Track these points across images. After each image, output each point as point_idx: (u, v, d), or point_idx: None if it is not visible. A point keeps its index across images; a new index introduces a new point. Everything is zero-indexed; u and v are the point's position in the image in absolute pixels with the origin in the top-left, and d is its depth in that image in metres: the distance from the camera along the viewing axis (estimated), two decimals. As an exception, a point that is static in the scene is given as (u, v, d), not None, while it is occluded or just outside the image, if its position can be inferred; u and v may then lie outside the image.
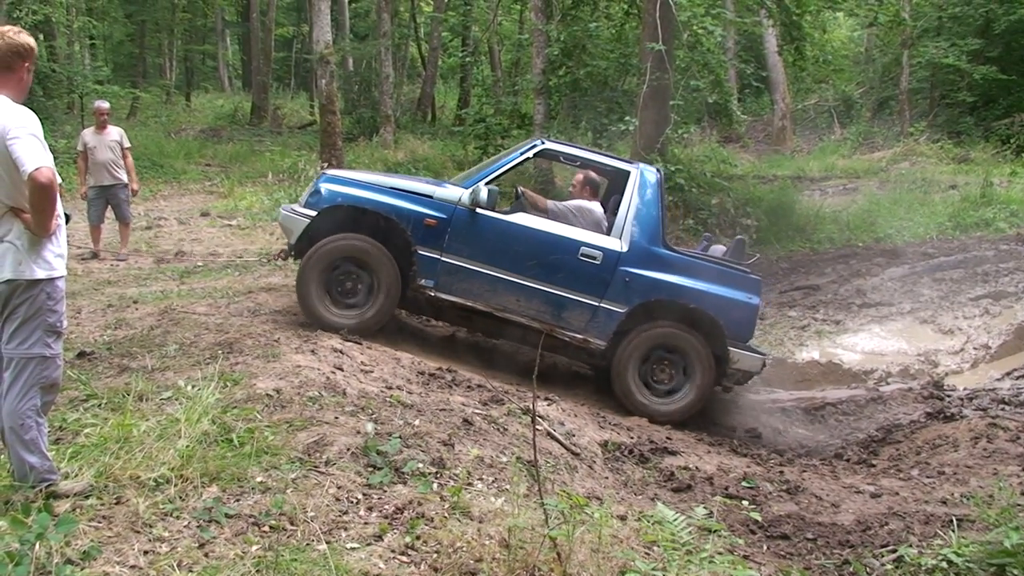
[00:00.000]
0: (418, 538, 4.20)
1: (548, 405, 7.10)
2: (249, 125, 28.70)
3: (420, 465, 5.04)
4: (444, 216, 8.07)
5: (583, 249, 8.11)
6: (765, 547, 5.40)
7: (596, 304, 8.14)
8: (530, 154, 8.59)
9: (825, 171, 24.20)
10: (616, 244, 8.15)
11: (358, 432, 5.39)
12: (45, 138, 4.22)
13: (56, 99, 22.80)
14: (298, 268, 8.22)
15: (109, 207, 12.27)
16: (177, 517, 4.18)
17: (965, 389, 9.54)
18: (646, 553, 4.52)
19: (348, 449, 5.13)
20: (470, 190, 8.08)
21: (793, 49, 18.23)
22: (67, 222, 4.68)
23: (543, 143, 8.67)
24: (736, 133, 23.60)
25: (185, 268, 11.47)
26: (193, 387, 5.75)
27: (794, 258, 16.20)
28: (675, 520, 4.26)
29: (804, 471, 7.06)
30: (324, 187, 8.28)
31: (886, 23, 19.27)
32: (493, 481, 5.10)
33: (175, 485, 4.44)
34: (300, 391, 6.00)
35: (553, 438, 6.24)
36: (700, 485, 6.31)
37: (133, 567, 3.73)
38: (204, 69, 43.15)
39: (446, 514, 4.47)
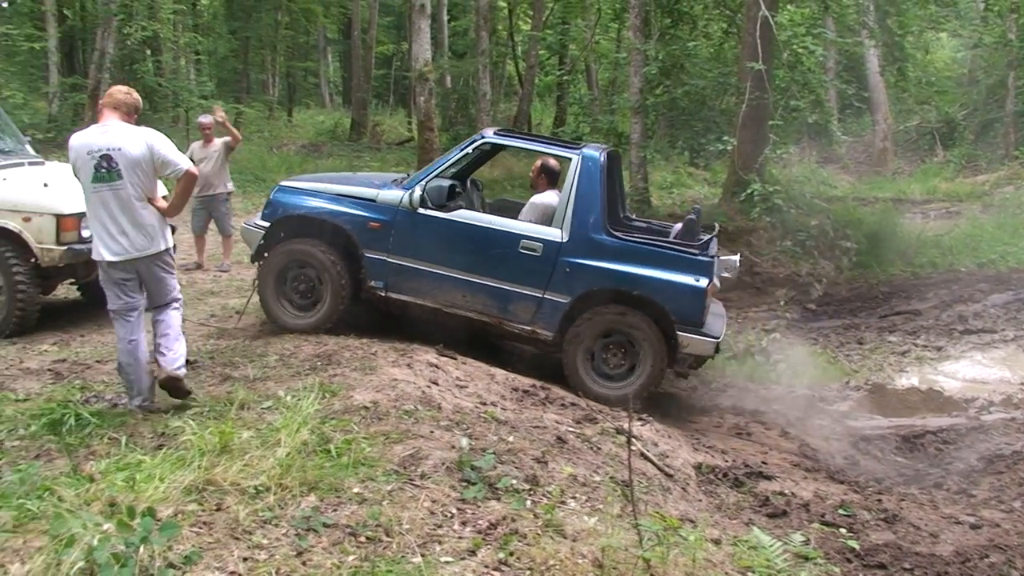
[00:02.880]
0: (511, 554, 4.21)
1: (642, 425, 7.07)
2: (349, 141, 29.09)
3: (514, 481, 5.06)
4: (387, 219, 8.34)
5: (523, 242, 8.14)
6: (861, 576, 5.30)
7: (540, 296, 8.15)
8: (471, 148, 8.74)
9: (927, 194, 23.71)
10: (556, 234, 8.12)
11: (453, 447, 5.43)
12: None
13: (162, 112, 23.46)
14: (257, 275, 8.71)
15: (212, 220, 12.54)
16: (276, 525, 4.26)
17: (1071, 420, 9.24)
18: (740, 578, 4.48)
19: (443, 463, 5.17)
20: (409, 192, 8.29)
21: (895, 69, 17.92)
22: (172, 233, 6.37)
23: (485, 136, 8.82)
24: (836, 154, 23.25)
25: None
26: (292, 397, 5.86)
27: (894, 282, 15.86)
28: (771, 546, 4.21)
29: (902, 500, 6.91)
30: (275, 198, 8.76)
31: (991, 44, 18.84)
32: (586, 500, 5.09)
33: (274, 493, 4.52)
34: (396, 404, 6.07)
35: (647, 459, 6.21)
36: (796, 511, 6.21)
37: (232, 573, 3.80)
38: (306, 85, 43.88)
39: (539, 531, 4.47)
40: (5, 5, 30.81)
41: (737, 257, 9.06)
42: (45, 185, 8.72)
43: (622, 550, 4.19)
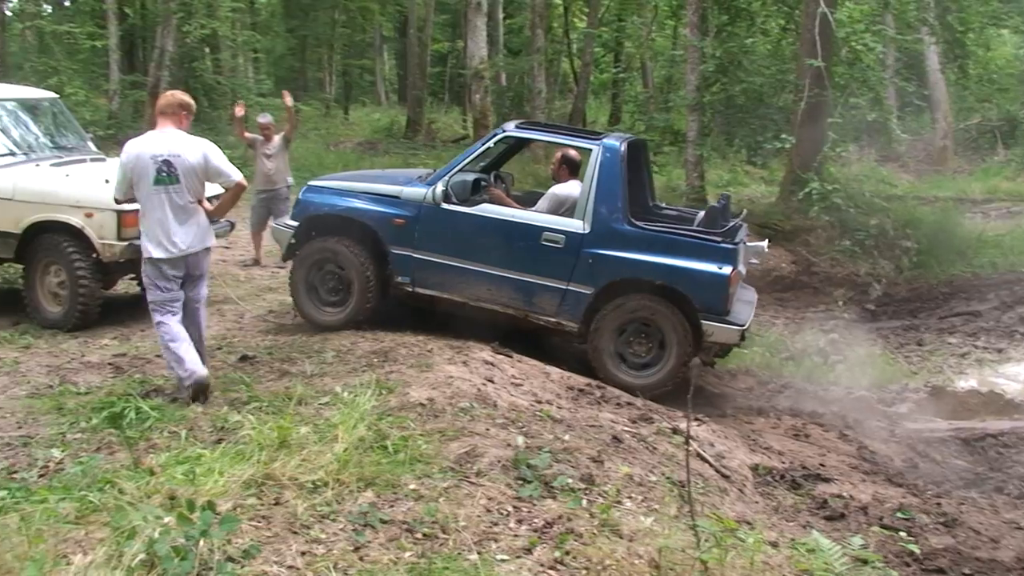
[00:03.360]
0: (567, 553, 4.20)
1: (698, 425, 7.02)
2: (404, 138, 29.19)
3: (569, 480, 5.04)
4: (411, 215, 8.43)
5: (545, 234, 8.17)
6: (919, 581, 5.22)
7: (564, 287, 8.17)
8: (492, 142, 8.79)
9: (987, 193, 23.33)
10: (579, 226, 8.13)
11: (508, 445, 5.43)
12: None
13: (221, 110, 23.65)
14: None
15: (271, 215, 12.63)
16: (333, 520, 4.28)
17: None
18: (798, 581, 4.43)
19: (499, 461, 5.17)
20: (432, 187, 8.35)
21: (956, 67, 17.65)
22: (231, 229, 7.54)
23: (505, 130, 8.89)
24: (895, 152, 22.95)
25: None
26: (349, 393, 5.88)
27: (955, 283, 15.62)
28: (831, 549, 4.15)
29: (962, 504, 6.79)
30: (304, 197, 8.94)
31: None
32: (642, 500, 5.06)
33: (332, 488, 4.55)
34: (452, 401, 6.08)
35: (703, 459, 6.16)
36: (854, 514, 6.13)
37: (291, 567, 3.82)
38: (362, 83, 44.12)
39: (595, 531, 4.45)
40: (68, 3, 31.35)
41: (765, 243, 8.99)
42: (107, 181, 8.80)
43: (679, 551, 4.16)
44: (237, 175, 6.71)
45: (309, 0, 32.44)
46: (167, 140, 6.46)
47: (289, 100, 12.61)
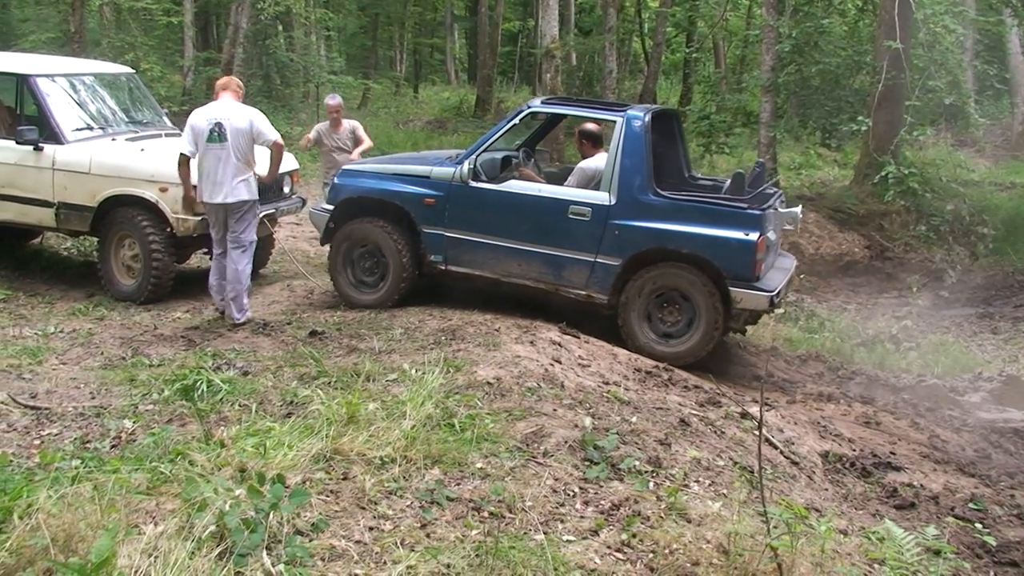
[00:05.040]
0: (634, 536, 4.18)
1: (768, 411, 6.94)
2: (473, 117, 29.17)
3: (637, 463, 5.02)
4: (441, 194, 8.57)
5: (572, 207, 8.20)
6: (992, 573, 5.12)
7: (592, 260, 8.17)
8: (518, 119, 8.74)
9: (1069, 180, 22.77)
10: (604, 198, 8.12)
11: (576, 426, 5.41)
12: (281, 125, 6.73)
13: (293, 88, 23.83)
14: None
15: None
16: (400, 496, 4.30)
17: None
18: (868, 570, 4.36)
19: (566, 442, 5.16)
20: (460, 167, 8.43)
21: (1038, 49, 17.20)
22: (303, 206, 9.06)
23: (531, 106, 8.93)
24: (972, 137, 22.47)
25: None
26: (417, 371, 5.91)
27: (1031, 271, 15.30)
28: (903, 538, 4.08)
29: (1037, 496, 6.66)
30: (338, 181, 9.11)
31: None
32: (710, 484, 5.02)
33: (399, 465, 4.57)
34: (519, 381, 6.08)
35: (772, 445, 6.09)
36: (924, 504, 6.02)
37: (358, 542, 3.85)
38: (432, 62, 44.23)
39: (662, 514, 4.42)
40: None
41: (799, 209, 8.85)
42: (182, 156, 8.95)
43: (748, 537, 4.12)
44: (274, 135, 8.09)
45: (382, -21, 32.55)
46: (222, 108, 8.04)
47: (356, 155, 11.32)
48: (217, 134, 7.85)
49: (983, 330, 12.47)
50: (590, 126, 9.03)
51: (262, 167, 8.35)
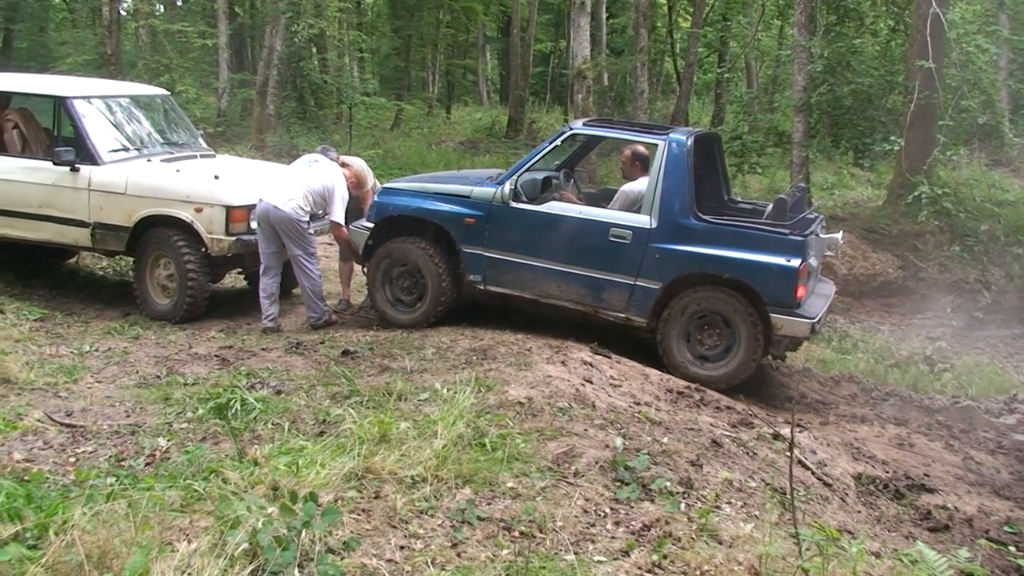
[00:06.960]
0: (665, 557, 4.17)
1: (800, 432, 6.91)
2: (505, 138, 29.23)
3: (668, 483, 5.01)
4: (482, 214, 8.55)
5: (612, 230, 8.17)
6: (1027, 597, 5.07)
7: (632, 283, 8.14)
8: (560, 141, 8.78)
9: (1104, 200, 22.53)
10: (645, 221, 8.09)
11: (607, 446, 5.41)
12: (314, 145, 6.37)
13: (327, 109, 23.97)
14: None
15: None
16: (432, 515, 4.32)
17: None
18: (901, 593, 4.33)
19: (597, 462, 5.16)
20: (501, 187, 8.42)
21: (1073, 68, 17.08)
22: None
23: (573, 127, 9.01)
24: (1007, 156, 22.30)
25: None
26: (449, 390, 5.93)
27: (1070, 293, 15.15)
28: (936, 561, 4.05)
29: (1076, 519, 6.58)
30: (378, 200, 9.11)
31: None
32: (742, 506, 5.00)
33: (431, 484, 4.59)
34: (550, 401, 6.09)
35: (805, 467, 6.05)
36: (959, 526, 5.97)
37: (389, 561, 3.86)
38: (464, 83, 44.36)
39: (694, 535, 4.41)
40: (180, 3, 32.13)
41: (840, 235, 8.81)
42: (216, 177, 9.03)
43: (780, 559, 4.10)
44: (337, 217, 8.88)
45: (414, 0, 32.66)
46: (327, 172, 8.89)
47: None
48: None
49: (1018, 351, 12.37)
50: (642, 149, 8.97)
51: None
